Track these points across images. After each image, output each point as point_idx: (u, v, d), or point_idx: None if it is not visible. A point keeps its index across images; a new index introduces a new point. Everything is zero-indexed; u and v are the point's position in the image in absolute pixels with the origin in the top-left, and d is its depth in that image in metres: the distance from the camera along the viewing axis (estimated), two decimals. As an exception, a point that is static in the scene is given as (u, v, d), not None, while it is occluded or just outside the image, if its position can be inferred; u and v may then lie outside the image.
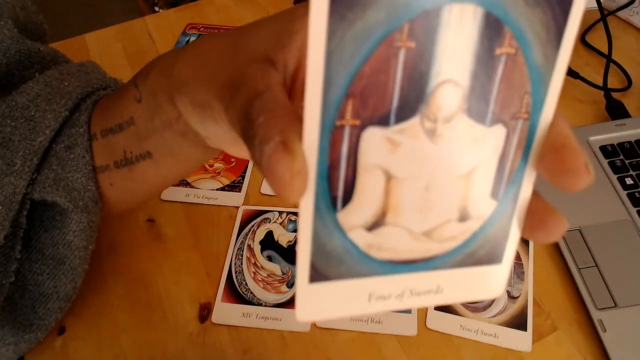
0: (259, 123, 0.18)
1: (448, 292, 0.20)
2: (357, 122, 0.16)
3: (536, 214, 0.21)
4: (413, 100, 0.17)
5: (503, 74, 0.17)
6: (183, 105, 0.28)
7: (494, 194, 0.19)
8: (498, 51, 0.17)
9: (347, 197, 0.17)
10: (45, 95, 0.35)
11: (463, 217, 0.19)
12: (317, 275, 0.18)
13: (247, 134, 0.18)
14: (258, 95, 0.19)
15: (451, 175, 0.18)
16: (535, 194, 0.21)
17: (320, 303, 0.18)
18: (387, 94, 0.16)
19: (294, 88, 0.21)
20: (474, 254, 0.20)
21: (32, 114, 0.34)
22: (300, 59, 0.22)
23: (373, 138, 0.17)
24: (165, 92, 0.29)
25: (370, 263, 0.19)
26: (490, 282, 0.21)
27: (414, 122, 0.17)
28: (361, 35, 0.15)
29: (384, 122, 0.17)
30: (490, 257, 0.20)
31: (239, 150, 0.29)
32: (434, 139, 0.17)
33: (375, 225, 0.18)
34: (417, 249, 0.19)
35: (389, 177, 0.18)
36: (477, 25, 0.16)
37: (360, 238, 0.18)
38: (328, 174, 0.17)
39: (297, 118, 0.17)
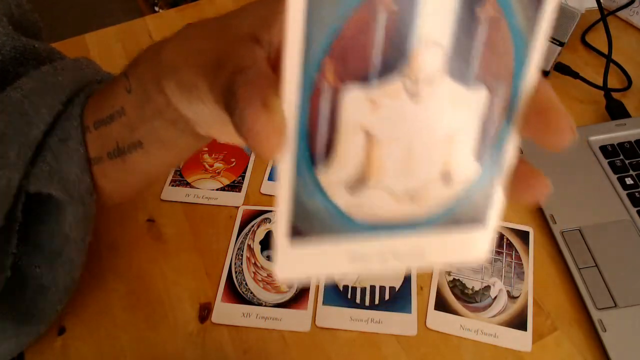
0: (241, 92, 0.18)
1: (431, 256, 0.20)
2: (338, 82, 0.16)
3: (521, 177, 0.20)
4: (394, 60, 0.17)
5: (486, 37, 0.17)
6: (170, 90, 0.27)
7: (478, 158, 0.19)
8: (481, 14, 0.17)
9: (328, 157, 0.18)
10: (39, 90, 0.35)
11: (447, 181, 0.19)
12: (297, 234, 0.18)
13: (230, 104, 0.19)
14: (242, 70, 0.20)
15: (434, 137, 0.18)
16: (519, 157, 0.21)
17: (300, 262, 0.19)
18: (368, 54, 0.16)
19: (279, 65, 0.21)
20: (458, 218, 0.20)
21: (26, 108, 0.34)
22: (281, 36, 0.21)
23: (354, 98, 0.17)
24: (153, 80, 0.29)
25: (352, 224, 0.19)
26: (474, 246, 0.21)
27: (395, 83, 0.17)
28: (335, 3, 0.15)
29: (365, 82, 0.17)
30: (475, 222, 0.20)
31: (228, 134, 0.28)
32: (416, 99, 0.17)
33: (356, 186, 0.18)
34: (400, 211, 0.19)
35: (370, 138, 0.18)
36: None
37: (341, 198, 0.18)
38: (308, 133, 0.17)
39: (279, 83, 0.16)
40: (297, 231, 0.18)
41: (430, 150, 0.18)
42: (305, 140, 0.17)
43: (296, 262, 0.19)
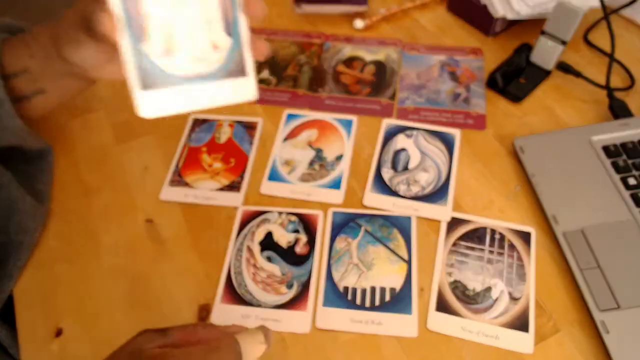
0: (92, 19, 0.34)
1: (220, 96, 0.33)
2: None
3: (253, 43, 0.35)
4: None
5: None
6: (67, 52, 0.40)
7: (227, 32, 0.33)
8: None
9: (144, 35, 0.31)
10: None
11: (215, 47, 0.33)
12: (145, 85, 0.31)
13: (90, 27, 0.35)
14: (90, 12, 0.35)
15: (198, 22, 0.32)
16: (254, 33, 0.34)
17: (152, 104, 0.31)
18: None
19: None
20: (230, 70, 0.33)
21: None
22: None
23: (147, 2, 0.31)
24: (54, 49, 0.42)
25: (172, 78, 0.32)
26: (245, 89, 0.34)
27: None
28: None
29: None
30: (241, 72, 0.33)
31: (109, 69, 0.41)
32: (181, 1, 0.31)
33: (165, 52, 0.32)
34: (197, 68, 0.32)
35: (163, 24, 0.31)
36: None
37: (160, 61, 0.31)
38: (130, 23, 0.31)
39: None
40: (144, 83, 0.31)
41: (198, 30, 0.32)
42: (130, 28, 0.31)
43: (149, 104, 0.31)
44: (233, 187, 0.55)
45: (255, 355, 0.35)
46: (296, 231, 0.51)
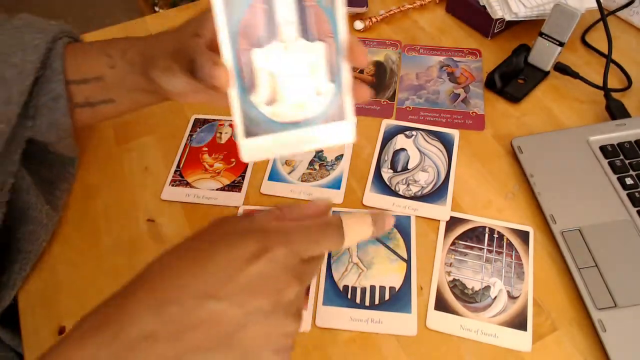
0: (198, 61, 0.35)
1: (320, 139, 0.34)
2: (247, 46, 0.32)
3: (355, 88, 0.34)
4: (271, 32, 0.32)
5: (311, 14, 0.32)
6: (155, 74, 0.40)
7: (331, 79, 0.34)
8: (306, 4, 0.32)
9: (253, 86, 0.33)
10: (17, 46, 0.45)
11: (318, 94, 0.34)
12: (248, 133, 0.33)
13: (195, 68, 0.36)
14: (195, 51, 0.36)
15: (303, 71, 0.33)
16: (354, 78, 0.34)
17: (254, 150, 0.33)
18: (258, 31, 0.32)
19: (214, 44, 0.33)
20: (330, 115, 0.34)
21: (15, 61, 0.44)
22: (211, 31, 0.35)
23: (257, 54, 0.32)
24: (140, 67, 0.43)
25: (275, 125, 0.33)
26: (344, 132, 0.34)
27: (275, 44, 0.32)
28: (238, 4, 0.31)
29: (260, 45, 0.32)
30: (339, 116, 0.34)
31: (192, 95, 0.41)
32: (288, 52, 0.33)
33: (271, 101, 0.33)
34: (298, 114, 0.34)
35: (271, 75, 0.33)
36: None
37: (266, 110, 0.33)
38: (240, 74, 0.32)
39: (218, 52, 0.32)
40: (248, 131, 0.33)
41: (304, 77, 0.33)
42: (240, 79, 0.33)
43: (251, 150, 0.33)
44: (234, 186, 0.55)
45: (361, 236, 0.34)
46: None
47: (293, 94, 0.33)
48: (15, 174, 0.47)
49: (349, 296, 0.47)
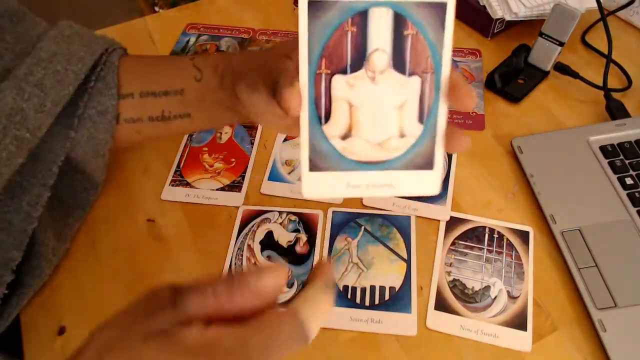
0: (280, 82, 0.31)
1: (398, 187, 0.31)
2: (328, 71, 0.29)
3: (450, 135, 0.31)
4: (359, 60, 0.29)
5: (411, 45, 0.29)
6: (240, 88, 0.39)
7: (420, 120, 0.30)
8: (405, 32, 0.29)
9: (327, 116, 0.29)
10: (62, 54, 0.43)
11: (402, 135, 0.30)
12: (314, 166, 0.29)
13: (275, 89, 0.33)
14: (281, 72, 0.33)
15: (389, 106, 0.30)
16: (448, 122, 0.30)
17: (317, 186, 0.30)
18: (344, 56, 0.29)
19: None
20: (413, 160, 0.30)
21: (58, 68, 0.42)
22: None
23: (339, 81, 0.29)
24: (229, 80, 0.41)
25: (346, 161, 0.30)
26: (428, 182, 0.31)
27: (361, 73, 0.29)
28: (325, 24, 0.28)
29: (344, 72, 0.29)
30: (425, 164, 0.31)
31: (270, 118, 0.38)
32: (375, 82, 0.29)
33: (345, 135, 0.30)
34: (374, 154, 0.30)
35: (350, 105, 0.29)
36: (390, 18, 0.28)
37: (338, 144, 0.30)
38: (315, 101, 0.29)
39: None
40: (313, 164, 0.29)
41: (388, 114, 0.30)
42: (313, 106, 0.29)
43: (314, 186, 0.30)
44: (234, 186, 0.55)
45: (322, 321, 0.27)
46: (296, 230, 0.51)
47: (372, 130, 0.30)
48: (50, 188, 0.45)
49: (349, 296, 0.47)
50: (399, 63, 0.29)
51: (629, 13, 0.71)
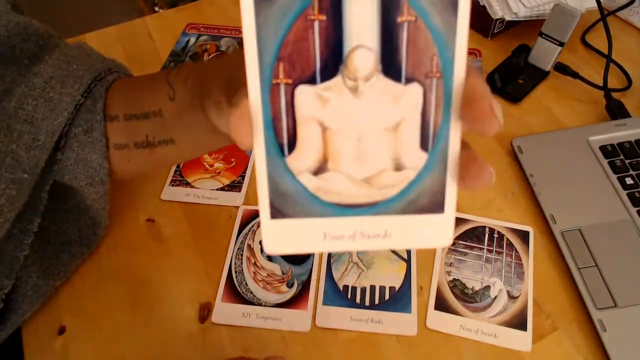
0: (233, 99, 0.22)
1: (396, 238, 0.23)
2: (290, 81, 0.20)
3: (466, 165, 0.22)
4: (332, 62, 0.20)
5: (408, 38, 0.20)
6: (208, 109, 0.32)
7: (423, 146, 0.22)
8: (399, 19, 0.20)
9: (292, 144, 0.21)
10: (58, 78, 0.40)
11: (398, 167, 0.22)
12: (277, 212, 0.22)
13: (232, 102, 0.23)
14: (241, 84, 0.23)
15: (379, 128, 0.21)
16: (464, 145, 0.22)
17: (283, 238, 0.22)
18: (310, 58, 0.20)
19: None
20: (415, 202, 0.22)
21: (51, 95, 0.39)
22: None
23: (304, 94, 0.20)
24: (199, 98, 0.34)
25: (321, 204, 0.22)
26: (436, 231, 0.23)
27: (337, 81, 0.20)
28: (281, 12, 0.19)
29: (311, 80, 0.20)
30: (432, 206, 0.22)
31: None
32: (357, 95, 0.21)
33: (319, 170, 0.22)
34: (360, 194, 0.22)
35: (324, 128, 0.21)
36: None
37: (308, 181, 0.22)
38: (273, 124, 0.21)
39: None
40: (276, 210, 0.22)
41: (378, 139, 0.21)
42: (271, 130, 0.21)
43: (279, 238, 0.22)
44: (234, 186, 0.55)
45: None
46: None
47: (356, 162, 0.22)
48: (42, 213, 0.42)
49: (349, 296, 0.47)
50: (391, 65, 0.20)
51: (629, 13, 0.71)
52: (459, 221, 0.51)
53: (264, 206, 0.22)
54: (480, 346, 0.44)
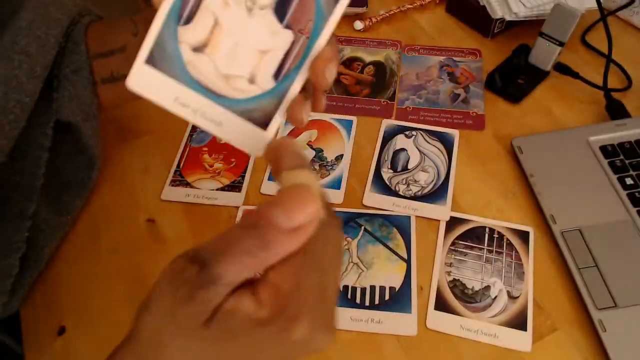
0: None
1: (225, 130, 0.28)
2: None
3: (296, 105, 0.29)
4: None
5: (299, 2, 0.27)
6: None
7: (275, 77, 0.28)
8: None
9: (188, 20, 0.26)
10: (40, 21, 0.44)
11: (251, 80, 0.28)
12: (151, 60, 0.26)
13: None
14: None
15: (252, 45, 0.28)
16: (301, 95, 0.29)
17: (144, 81, 0.27)
18: None
19: None
20: (251, 112, 0.29)
21: (38, 34, 0.43)
22: None
23: None
24: None
25: (185, 75, 0.27)
26: (254, 141, 0.29)
27: None
28: None
29: None
30: (261, 121, 0.29)
31: None
32: (250, 15, 0.27)
33: (197, 49, 0.27)
34: (217, 83, 0.28)
35: (216, 22, 0.27)
36: None
37: (186, 52, 0.27)
38: (182, 1, 0.26)
39: None
40: (152, 58, 0.26)
41: (248, 53, 0.28)
42: (179, 3, 0.26)
43: (142, 79, 0.27)
44: (234, 187, 0.55)
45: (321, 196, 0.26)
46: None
47: (226, 60, 0.27)
48: (49, 149, 0.46)
49: (349, 296, 0.47)
50: (280, 10, 0.27)
51: (629, 13, 0.71)
52: (459, 221, 0.51)
53: (144, 50, 0.26)
54: (480, 346, 0.44)
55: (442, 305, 0.46)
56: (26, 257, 0.46)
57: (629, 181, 0.51)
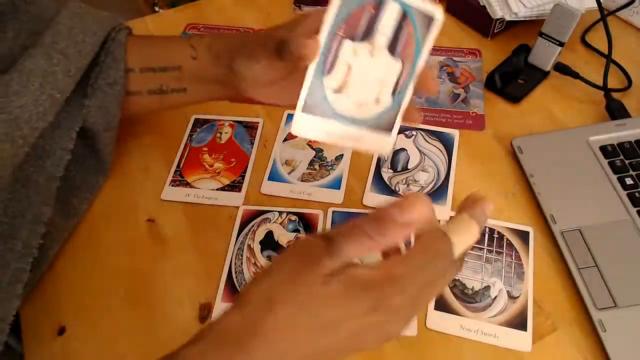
0: (290, 41, 0.36)
1: (362, 142, 0.37)
2: (344, 35, 0.34)
3: (409, 111, 0.38)
4: (367, 34, 0.34)
5: (404, 37, 0.35)
6: (238, 61, 0.44)
7: (392, 94, 0.37)
8: (404, 27, 0.35)
9: (330, 69, 0.34)
10: (77, 28, 0.47)
11: (377, 101, 0.37)
12: (306, 108, 0.34)
13: (282, 49, 0.38)
14: (286, 35, 0.38)
15: (375, 77, 0.36)
16: (411, 102, 0.38)
17: (306, 127, 0.34)
18: (358, 28, 0.34)
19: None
20: (378, 124, 0.37)
21: (77, 39, 0.46)
22: (305, 28, 0.40)
23: (347, 45, 0.34)
24: (226, 56, 0.45)
25: (332, 112, 0.35)
26: (383, 144, 0.38)
27: (365, 45, 0.35)
28: (350, 3, 0.33)
29: (354, 38, 0.34)
30: (386, 129, 0.38)
31: (263, 90, 0.45)
32: (372, 55, 0.35)
33: (338, 90, 0.35)
34: (354, 111, 0.36)
35: (349, 67, 0.35)
36: (398, 13, 0.34)
37: (331, 95, 0.35)
38: (324, 55, 0.34)
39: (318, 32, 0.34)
40: (307, 107, 0.34)
41: (373, 83, 0.36)
42: (323, 57, 0.34)
43: (304, 126, 0.34)
44: (234, 186, 0.55)
45: (466, 248, 0.32)
46: (296, 231, 0.51)
47: (359, 91, 0.35)
48: (71, 152, 0.49)
49: (349, 296, 0.47)
50: (392, 47, 0.35)
51: (629, 13, 0.71)
52: (459, 221, 0.51)
53: (300, 102, 0.33)
54: (480, 346, 0.44)
55: (442, 305, 0.46)
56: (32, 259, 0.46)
57: (629, 181, 0.51)
